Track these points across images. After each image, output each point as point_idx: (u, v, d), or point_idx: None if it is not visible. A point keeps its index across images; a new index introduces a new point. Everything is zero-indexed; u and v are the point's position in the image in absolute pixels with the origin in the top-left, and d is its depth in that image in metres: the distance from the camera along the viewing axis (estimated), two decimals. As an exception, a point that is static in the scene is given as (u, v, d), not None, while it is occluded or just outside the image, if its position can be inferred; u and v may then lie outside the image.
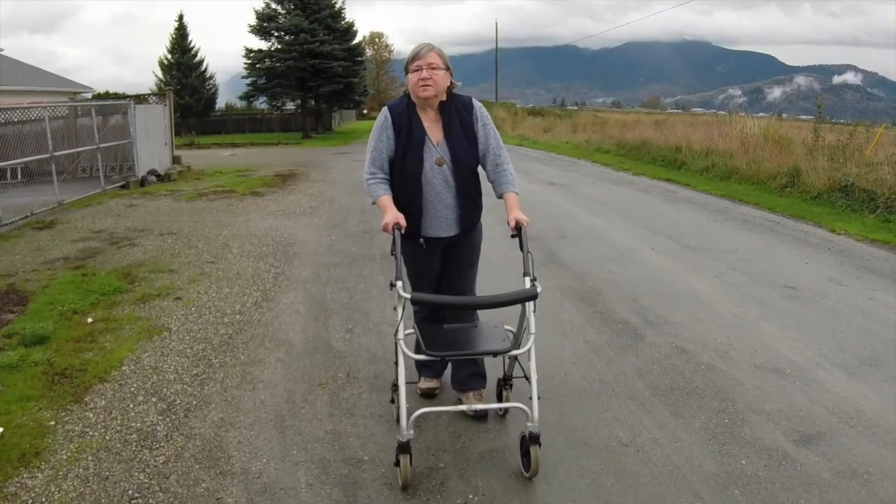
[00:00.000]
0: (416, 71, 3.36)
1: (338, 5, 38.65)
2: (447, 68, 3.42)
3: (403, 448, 2.96)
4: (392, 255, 3.22)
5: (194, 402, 3.96)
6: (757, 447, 3.39)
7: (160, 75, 41.88)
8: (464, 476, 3.15)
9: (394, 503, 2.94)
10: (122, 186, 15.07)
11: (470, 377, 3.79)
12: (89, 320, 5.53)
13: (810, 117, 19.23)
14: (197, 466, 3.26)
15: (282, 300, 6.03)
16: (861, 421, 3.68)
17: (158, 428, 3.66)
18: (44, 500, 3.03)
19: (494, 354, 3.18)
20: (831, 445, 3.42)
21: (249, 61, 37.85)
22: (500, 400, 3.73)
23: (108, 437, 3.57)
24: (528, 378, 3.12)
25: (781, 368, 4.37)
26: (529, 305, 3.12)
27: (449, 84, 3.44)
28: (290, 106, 42.20)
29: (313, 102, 40.19)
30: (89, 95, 30.06)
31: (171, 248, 8.30)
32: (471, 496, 2.99)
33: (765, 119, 17.38)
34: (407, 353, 3.08)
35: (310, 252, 7.97)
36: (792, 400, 3.93)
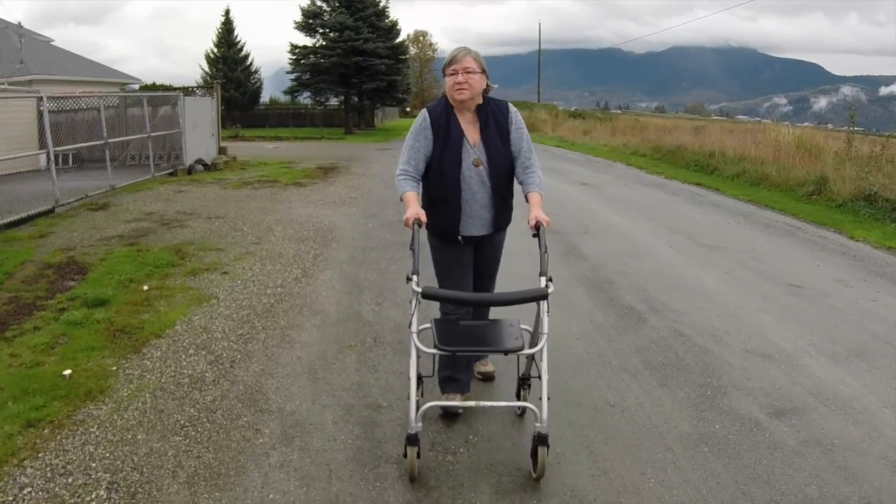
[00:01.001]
0: (452, 75, 3.50)
1: (382, 4, 39.31)
2: (483, 72, 3.54)
3: (411, 440, 3.01)
4: (411, 248, 3.30)
5: (238, 356, 4.52)
6: (732, 416, 3.80)
7: (206, 68, 43.00)
8: (467, 421, 3.62)
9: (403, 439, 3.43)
10: (171, 174, 15.84)
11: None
12: (145, 288, 6.13)
13: (860, 129, 19.21)
14: (240, 405, 3.81)
15: (319, 277, 6.57)
16: (836, 401, 4.04)
17: (207, 375, 4.21)
18: (108, 426, 3.58)
19: (506, 353, 3.24)
20: (802, 419, 3.81)
21: (294, 57, 38.69)
22: (518, 399, 3.72)
23: (163, 381, 4.14)
24: (539, 377, 3.17)
25: (770, 354, 4.75)
26: (543, 306, 3.20)
27: (485, 87, 3.58)
28: (333, 102, 42.99)
29: (356, 99, 40.93)
30: (136, 86, 31.10)
31: (219, 230, 8.91)
32: (471, 437, 3.47)
33: (800, 128, 17.50)
34: (420, 347, 3.14)
35: (347, 237, 8.51)
36: (774, 380, 4.31)
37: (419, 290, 3.12)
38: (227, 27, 43.59)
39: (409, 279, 3.19)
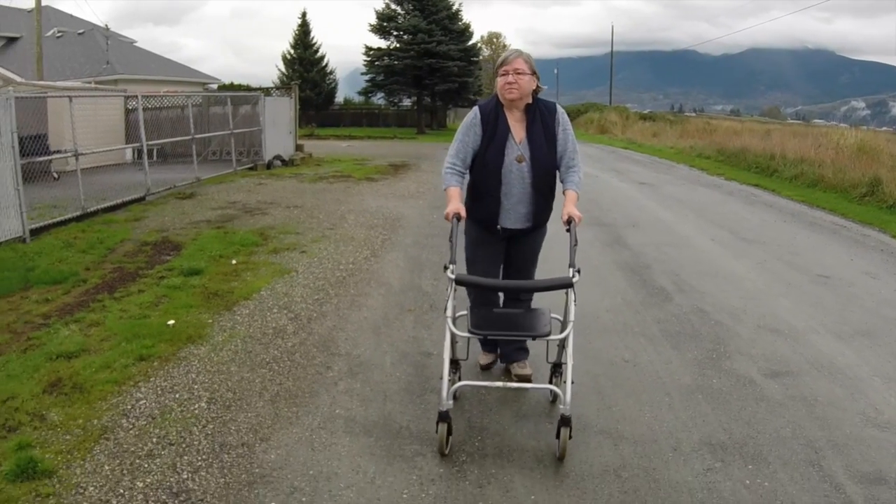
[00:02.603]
0: (503, 75, 3.71)
1: (455, 7, 40.15)
2: (533, 73, 3.73)
3: (443, 417, 3.23)
4: (450, 240, 3.53)
5: (315, 315, 5.38)
6: (730, 374, 4.42)
7: (283, 69, 44.56)
8: (502, 401, 4.35)
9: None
10: (251, 168, 17.01)
11: (514, 351, 4.20)
12: (233, 262, 7.06)
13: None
14: (315, 350, 4.65)
15: (386, 257, 7.40)
16: (830, 369, 4.58)
17: (288, 328, 5.08)
18: (206, 361, 4.47)
19: (533, 338, 3.49)
20: (794, 380, 4.38)
21: (368, 58, 39.89)
22: (551, 384, 3.83)
23: (251, 331, 5.02)
24: (564, 363, 3.40)
25: (780, 329, 5.30)
26: (570, 295, 3.42)
27: (535, 88, 3.77)
28: (406, 102, 44.03)
29: (429, 100, 41.90)
30: (215, 86, 32.77)
31: (297, 217, 9.85)
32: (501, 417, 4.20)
33: (865, 132, 17.53)
34: (454, 331, 3.40)
35: (413, 226, 9.34)
36: (777, 350, 4.88)
37: (452, 276, 3.39)
38: (304, 29, 45.08)
39: (445, 268, 3.44)
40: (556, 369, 3.88)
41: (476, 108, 3.87)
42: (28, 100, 10.63)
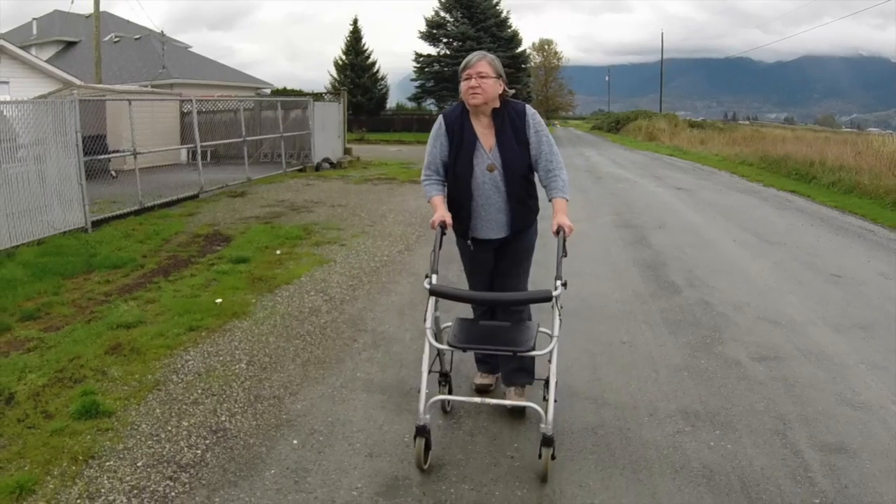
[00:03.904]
0: (466, 79, 3.53)
1: (503, 14, 40.72)
2: (498, 76, 3.55)
3: (420, 431, 3.11)
4: (433, 250, 3.44)
5: (347, 298, 5.98)
6: (719, 357, 4.80)
7: (335, 74, 45.63)
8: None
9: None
10: (300, 170, 17.80)
11: (512, 373, 3.87)
12: (278, 252, 7.68)
13: None
14: (344, 326, 5.24)
15: (419, 251, 7.95)
16: (818, 356, 4.89)
17: (322, 308, 5.67)
18: (248, 332, 5.10)
19: (513, 353, 3.31)
20: (780, 364, 4.73)
21: (418, 65, 40.72)
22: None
23: (289, 309, 5.62)
24: (546, 380, 3.25)
25: (779, 321, 5.64)
26: (555, 309, 3.24)
27: (501, 91, 3.58)
28: (456, 108, 44.64)
29: (476, 106, 42.41)
30: (268, 91, 33.92)
31: (340, 215, 10.49)
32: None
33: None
34: (431, 342, 3.30)
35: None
36: (770, 338, 5.22)
37: (427, 286, 3.31)
38: (356, 35, 46.14)
39: (427, 276, 3.35)
40: (548, 384, 3.51)
41: (440, 117, 3.73)
42: (89, 102, 11.50)
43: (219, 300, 5.78)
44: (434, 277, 3.33)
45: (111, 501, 3.01)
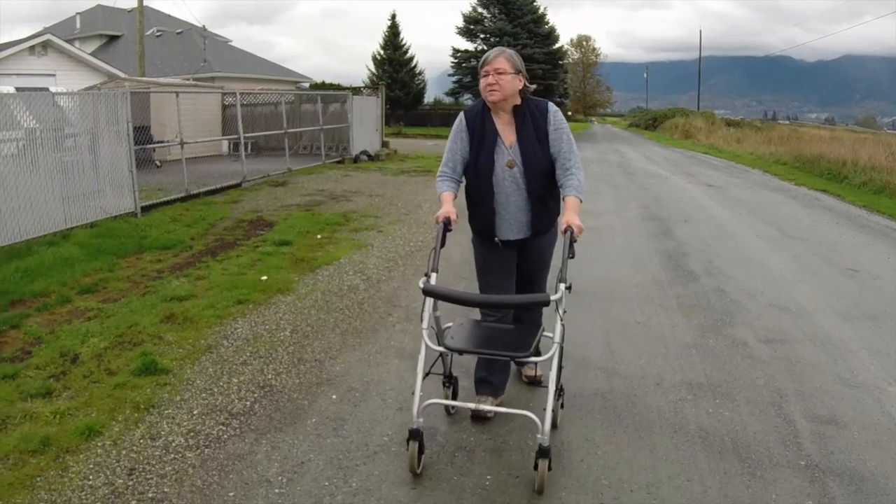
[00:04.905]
0: (484, 76, 3.48)
1: (540, 10, 40.91)
2: (517, 72, 3.49)
3: (413, 434, 3.06)
4: (434, 247, 3.43)
5: (383, 277, 6.46)
6: (728, 338, 5.14)
7: (373, 69, 46.04)
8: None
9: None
10: (338, 162, 18.33)
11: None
12: (318, 237, 8.17)
13: None
14: (380, 302, 5.69)
15: (451, 238, 8.30)
16: (823, 340, 5.18)
17: (360, 286, 6.14)
18: (291, 306, 5.58)
19: (511, 358, 3.25)
20: (785, 346, 5.04)
21: (456, 60, 41.09)
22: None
23: (329, 287, 6.09)
24: (545, 385, 3.19)
25: (789, 308, 5.94)
26: (557, 313, 3.12)
27: (521, 87, 3.53)
28: (490, 104, 44.92)
29: (513, 101, 42.68)
30: (306, 84, 34.59)
31: (377, 204, 10.96)
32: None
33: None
34: (428, 344, 3.22)
35: (476, 214, 10.29)
36: (779, 323, 5.54)
37: (420, 285, 3.18)
38: (393, 30, 46.49)
39: (426, 276, 3.28)
40: (559, 390, 3.49)
41: (461, 114, 3.69)
42: (136, 94, 12.12)
43: (264, 277, 6.26)
44: (434, 276, 3.27)
45: (170, 441, 3.49)
